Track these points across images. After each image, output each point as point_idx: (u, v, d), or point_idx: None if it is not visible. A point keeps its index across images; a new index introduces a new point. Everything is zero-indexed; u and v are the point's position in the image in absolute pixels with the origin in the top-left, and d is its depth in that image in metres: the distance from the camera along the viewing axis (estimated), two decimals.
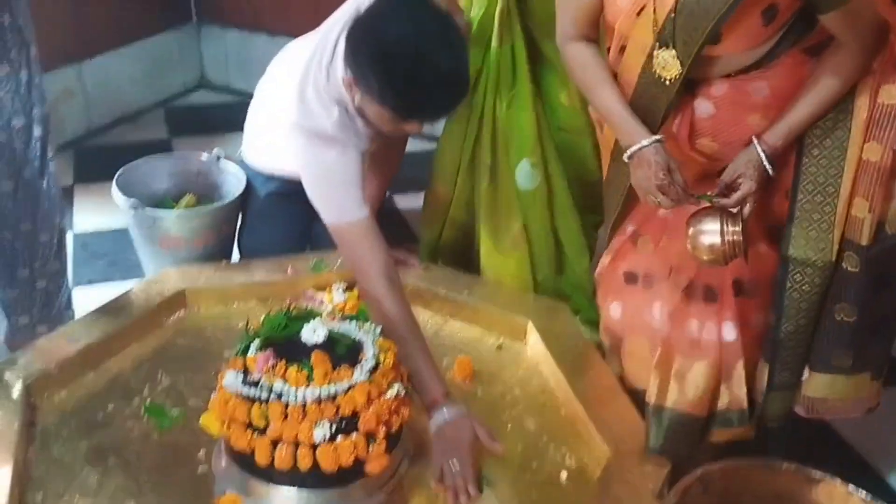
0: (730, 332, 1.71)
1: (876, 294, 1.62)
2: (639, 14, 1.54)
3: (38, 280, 2.04)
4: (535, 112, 2.06)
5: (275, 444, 1.51)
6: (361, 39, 1.68)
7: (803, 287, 1.64)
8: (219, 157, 2.46)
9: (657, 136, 1.60)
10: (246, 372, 1.56)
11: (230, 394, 1.54)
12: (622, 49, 1.63)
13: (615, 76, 1.66)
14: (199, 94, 3.95)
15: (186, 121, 3.68)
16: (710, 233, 1.60)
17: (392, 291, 1.79)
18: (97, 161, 3.24)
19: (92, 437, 1.71)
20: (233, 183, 2.38)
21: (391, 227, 2.67)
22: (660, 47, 1.54)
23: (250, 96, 2.21)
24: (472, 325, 2.08)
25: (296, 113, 1.84)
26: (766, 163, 1.58)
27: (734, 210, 1.60)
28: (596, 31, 1.68)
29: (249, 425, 1.52)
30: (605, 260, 1.88)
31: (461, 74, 1.67)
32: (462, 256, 2.30)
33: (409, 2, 1.69)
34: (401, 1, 1.69)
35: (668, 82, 1.57)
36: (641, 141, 1.60)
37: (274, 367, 1.55)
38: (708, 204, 1.62)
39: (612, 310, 1.86)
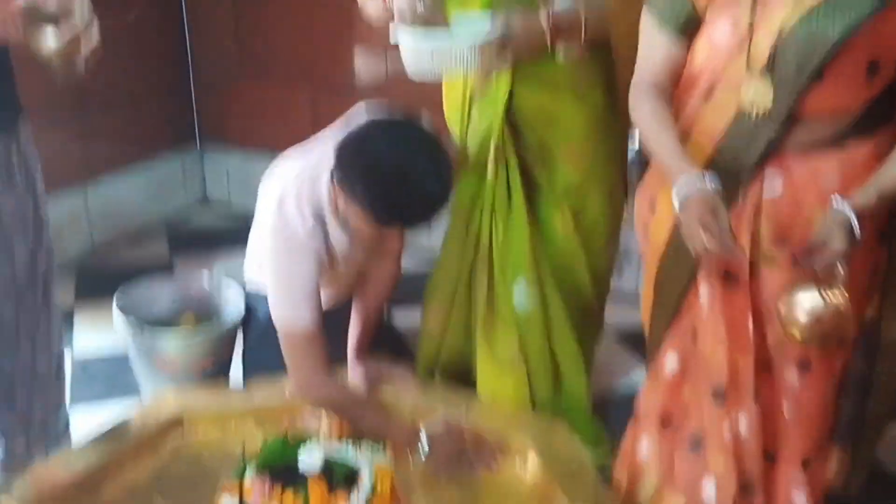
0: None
1: None
2: (737, 51, 1.49)
3: (35, 406, 2.04)
4: (531, 235, 2.10)
5: None
6: (351, 148, 1.81)
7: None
8: (219, 278, 2.50)
9: (706, 175, 1.49)
10: (241, 497, 1.56)
11: None
12: (708, 94, 1.56)
13: (693, 125, 1.59)
14: (201, 213, 4.03)
15: (188, 240, 3.74)
16: (807, 298, 1.47)
17: (321, 400, 1.97)
18: (98, 281, 3.27)
19: None
20: (233, 304, 2.41)
21: (389, 343, 2.69)
22: (754, 79, 1.48)
23: (251, 214, 2.27)
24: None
25: (273, 217, 1.95)
26: (853, 222, 1.44)
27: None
28: (672, 84, 1.63)
29: None
30: (644, 385, 1.85)
31: (442, 189, 1.79)
32: (459, 375, 2.31)
33: (398, 120, 1.84)
34: (391, 119, 1.82)
35: (758, 116, 1.49)
36: (696, 182, 1.48)
37: (270, 492, 1.55)
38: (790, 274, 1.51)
39: (642, 446, 1.84)
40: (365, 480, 1.60)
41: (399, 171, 1.74)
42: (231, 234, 3.46)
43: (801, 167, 1.53)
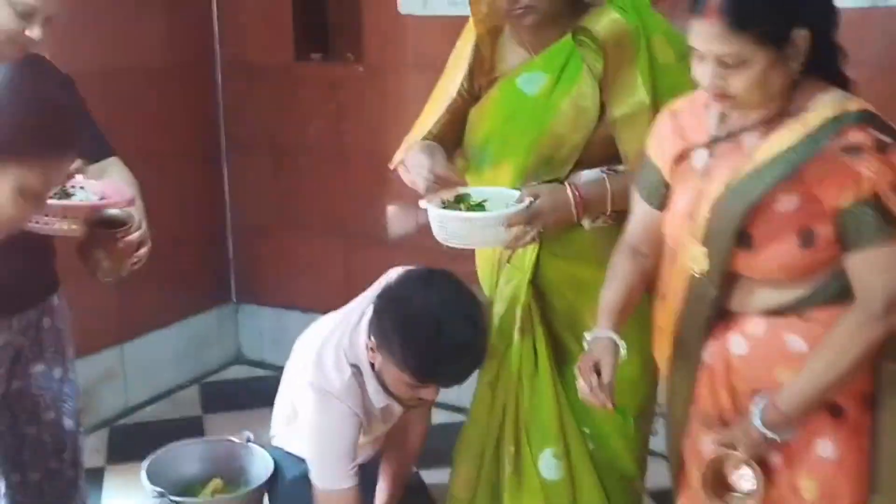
0: None
1: None
2: (689, 219, 1.59)
3: None
4: (558, 403, 2.06)
5: None
6: (389, 305, 1.83)
7: None
8: (248, 440, 2.49)
9: (612, 335, 1.66)
10: None
11: None
12: (672, 259, 1.67)
13: (666, 287, 1.70)
14: (235, 370, 4.05)
15: (221, 397, 3.75)
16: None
17: None
18: (130, 440, 3.27)
19: None
20: (260, 467, 2.39)
21: (417, 502, 2.62)
22: (694, 243, 1.57)
23: (282, 371, 2.28)
24: None
25: (311, 372, 1.97)
26: (765, 431, 1.53)
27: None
28: (648, 247, 1.74)
29: None
30: None
31: (477, 345, 1.82)
32: None
33: (435, 276, 1.88)
34: (428, 275, 1.83)
35: (701, 278, 1.58)
36: (599, 331, 1.67)
37: None
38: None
39: None
40: None
41: (434, 323, 1.76)
42: (264, 393, 3.47)
43: (761, 330, 1.58)
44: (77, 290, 1.94)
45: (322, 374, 1.95)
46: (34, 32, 1.62)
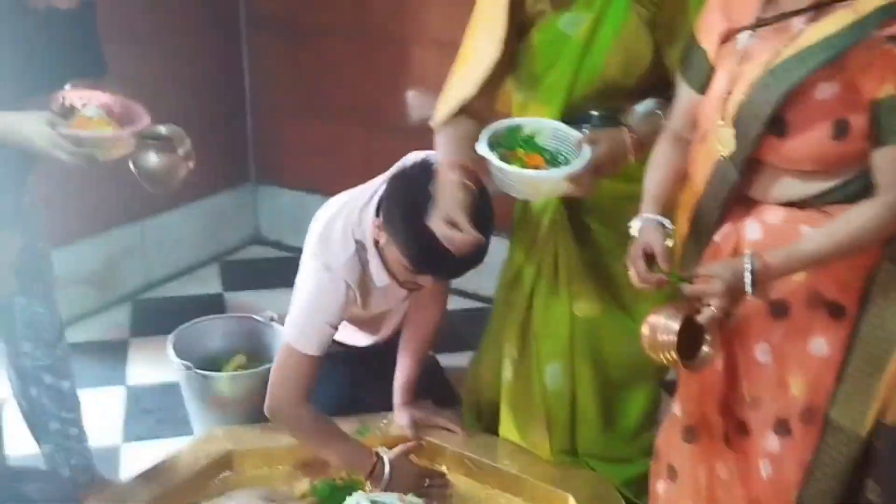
0: None
1: None
2: (725, 101, 1.57)
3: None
4: (571, 319, 2.09)
5: None
6: (398, 188, 1.87)
7: (833, 452, 1.61)
8: (272, 319, 2.55)
9: (659, 218, 1.64)
10: None
11: None
12: (703, 139, 1.66)
13: (692, 167, 1.69)
14: (253, 250, 4.10)
15: (240, 276, 3.81)
16: (651, 325, 1.57)
17: (291, 419, 2.05)
18: (153, 314, 3.35)
19: None
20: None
21: (437, 387, 2.70)
22: (724, 126, 1.57)
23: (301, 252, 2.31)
24: (514, 497, 2.08)
25: (315, 244, 2.02)
26: (747, 278, 1.51)
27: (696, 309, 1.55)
28: (691, 133, 1.71)
29: None
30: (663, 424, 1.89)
31: (479, 243, 1.79)
32: None
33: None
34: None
35: (725, 161, 1.58)
36: (644, 216, 1.66)
37: None
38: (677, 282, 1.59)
39: (659, 487, 1.89)
40: None
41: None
42: (282, 272, 3.52)
43: (779, 218, 1.59)
44: (99, 168, 1.94)
45: (326, 246, 1.99)
46: None
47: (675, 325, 1.53)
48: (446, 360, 3.03)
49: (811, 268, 1.55)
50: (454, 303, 2.40)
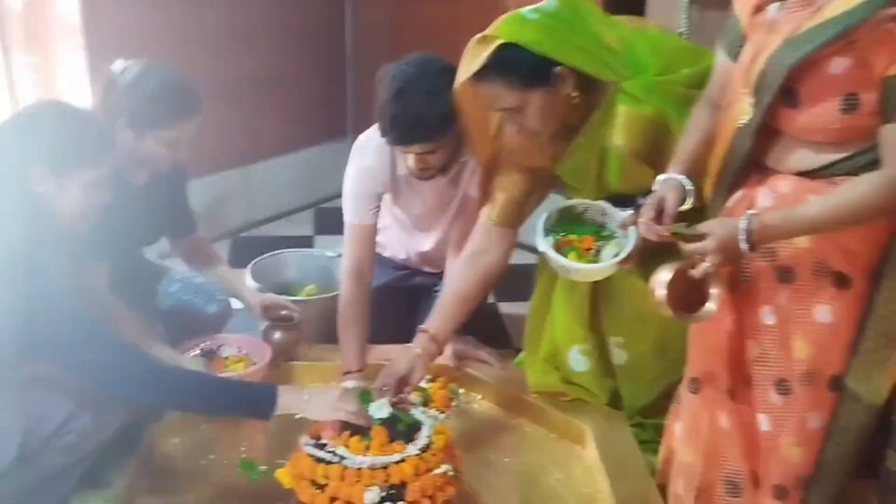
0: None
1: None
2: (749, 70, 1.62)
3: None
4: (592, 307, 2.19)
5: (332, 500, 1.75)
6: (384, 74, 2.18)
7: (851, 418, 1.68)
8: (339, 255, 2.80)
9: (680, 178, 1.73)
10: (318, 437, 1.84)
11: (303, 454, 1.82)
12: (729, 106, 1.71)
13: (719, 131, 1.74)
14: None
15: (331, 222, 4.09)
16: (652, 281, 1.68)
17: (351, 286, 2.36)
18: (249, 249, 3.66)
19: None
20: None
21: (490, 330, 2.88)
22: (746, 94, 1.63)
23: None
24: (538, 427, 2.28)
25: (363, 136, 2.37)
26: (741, 235, 1.57)
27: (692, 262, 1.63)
28: (722, 97, 1.76)
29: (314, 482, 1.78)
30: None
31: (429, 117, 2.07)
32: None
33: (426, 57, 2.18)
34: (421, 56, 2.19)
35: (741, 128, 1.64)
36: (669, 174, 1.74)
37: (340, 435, 1.82)
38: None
39: (676, 428, 1.98)
40: (423, 434, 1.84)
41: (397, 90, 2.09)
42: None
43: (789, 188, 1.64)
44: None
45: (367, 135, 2.36)
46: (179, 154, 2.13)
47: (667, 278, 1.65)
48: (506, 307, 3.22)
49: (810, 232, 1.60)
50: (518, 257, 2.53)
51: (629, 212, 1.84)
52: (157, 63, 2.11)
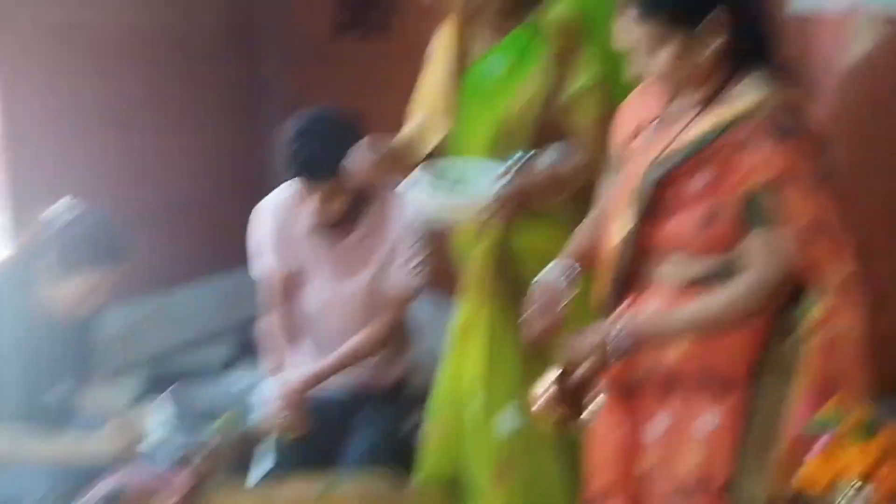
0: None
1: None
2: (626, 189, 1.74)
3: None
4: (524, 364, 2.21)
5: None
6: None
7: None
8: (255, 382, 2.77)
9: (569, 262, 1.82)
10: None
11: None
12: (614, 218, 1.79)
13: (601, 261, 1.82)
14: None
15: (250, 347, 3.94)
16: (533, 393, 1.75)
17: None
18: (165, 377, 3.48)
19: None
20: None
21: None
22: (624, 210, 1.73)
23: None
24: None
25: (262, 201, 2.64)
26: (612, 337, 1.65)
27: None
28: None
29: None
30: None
31: (312, 161, 2.30)
32: None
33: (325, 109, 2.40)
34: (321, 109, 2.40)
35: (622, 241, 1.73)
36: (557, 270, 1.83)
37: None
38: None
39: None
40: None
41: (295, 132, 2.32)
42: None
43: (667, 300, 1.72)
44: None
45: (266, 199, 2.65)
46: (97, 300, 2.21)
47: (545, 386, 1.72)
48: None
49: (682, 335, 1.68)
50: None
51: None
52: (95, 208, 2.19)
